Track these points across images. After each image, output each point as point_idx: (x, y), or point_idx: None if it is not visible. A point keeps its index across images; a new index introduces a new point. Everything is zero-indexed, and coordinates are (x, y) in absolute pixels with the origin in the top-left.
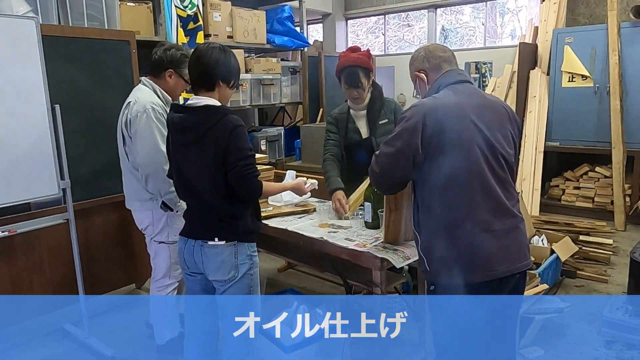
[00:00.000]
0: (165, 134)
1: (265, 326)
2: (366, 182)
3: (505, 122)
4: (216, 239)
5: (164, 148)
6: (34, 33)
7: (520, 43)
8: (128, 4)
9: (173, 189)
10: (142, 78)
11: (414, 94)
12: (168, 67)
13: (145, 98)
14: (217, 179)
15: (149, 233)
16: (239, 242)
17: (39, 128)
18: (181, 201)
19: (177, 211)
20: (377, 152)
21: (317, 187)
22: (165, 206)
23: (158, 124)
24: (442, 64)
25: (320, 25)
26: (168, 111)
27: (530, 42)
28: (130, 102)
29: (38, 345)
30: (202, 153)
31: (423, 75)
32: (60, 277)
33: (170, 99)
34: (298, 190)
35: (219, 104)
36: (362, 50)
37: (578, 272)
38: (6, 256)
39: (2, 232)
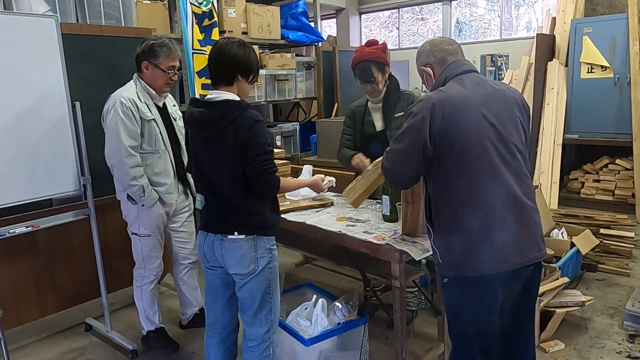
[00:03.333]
0: (133, 128)
1: (284, 320)
2: (372, 167)
3: (514, 109)
4: (236, 233)
5: (127, 142)
6: (54, 31)
7: (537, 34)
8: (144, 1)
9: (136, 182)
10: (135, 74)
11: (422, 88)
12: (142, 59)
13: (120, 92)
14: (235, 174)
15: (127, 223)
16: (258, 235)
17: (60, 125)
18: (148, 196)
19: (142, 205)
20: (387, 149)
21: (334, 185)
22: (130, 198)
23: (124, 118)
24: (448, 57)
25: (334, 20)
26: (148, 106)
27: (547, 33)
28: (108, 96)
29: (61, 339)
30: (222, 148)
31: (429, 69)
32: (81, 272)
33: (154, 92)
34: (316, 187)
35: (238, 98)
36: (379, 43)
37: (599, 265)
38: (29, 252)
39: (26, 227)
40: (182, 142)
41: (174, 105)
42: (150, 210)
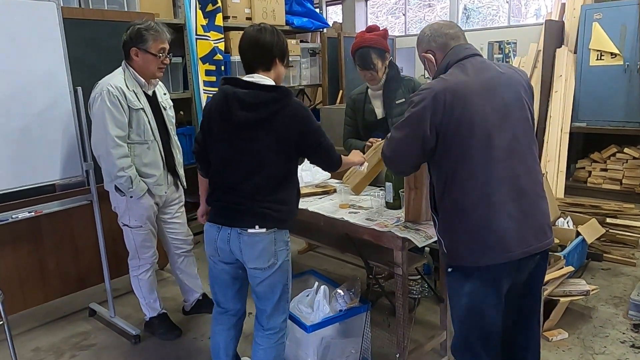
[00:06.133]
0: (120, 118)
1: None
2: (372, 151)
3: (520, 92)
4: (257, 227)
5: (113, 132)
6: (55, 16)
7: (546, 20)
8: None
9: (123, 173)
10: (123, 62)
11: (425, 75)
12: (130, 45)
13: (107, 80)
14: (280, 161)
15: (117, 214)
16: (278, 229)
17: (62, 110)
18: (136, 187)
19: (131, 196)
20: (388, 135)
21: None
22: (118, 190)
23: (111, 107)
24: (449, 42)
25: (340, 6)
26: (136, 94)
27: (556, 19)
28: (95, 84)
29: (65, 324)
30: (268, 134)
31: (431, 55)
32: (84, 257)
33: (143, 81)
34: (359, 160)
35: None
36: (379, 29)
37: (605, 254)
38: (33, 237)
39: (29, 212)
40: (172, 132)
41: (165, 94)
42: (140, 201)
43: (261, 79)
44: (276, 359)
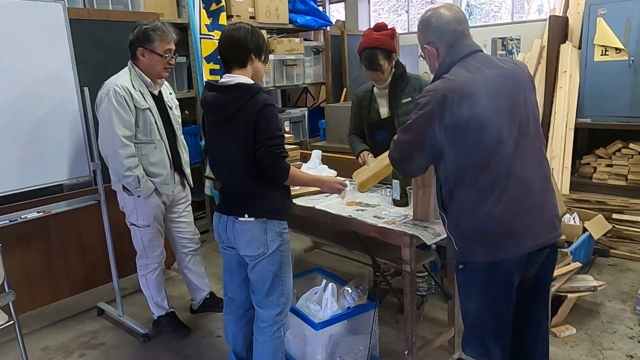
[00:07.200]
0: (127, 117)
1: (295, 304)
2: (381, 158)
3: (525, 88)
4: (246, 216)
5: (120, 132)
6: (62, 17)
7: (550, 16)
8: None
9: (130, 172)
10: (129, 61)
11: (421, 56)
12: (137, 45)
13: (114, 80)
14: (247, 158)
15: (125, 214)
16: (268, 219)
17: (69, 111)
18: (143, 187)
19: (138, 196)
20: (395, 138)
21: (350, 189)
22: (125, 189)
23: (117, 107)
24: (455, 40)
25: (342, 4)
26: (142, 94)
27: (560, 15)
28: (102, 84)
29: (74, 323)
30: (234, 132)
31: (434, 50)
32: (92, 257)
33: (149, 80)
34: (330, 187)
35: (251, 82)
36: (387, 28)
37: (611, 250)
38: (41, 237)
39: (37, 212)
40: (179, 132)
41: (170, 93)
42: (147, 201)
43: (232, 78)
44: (275, 353)
